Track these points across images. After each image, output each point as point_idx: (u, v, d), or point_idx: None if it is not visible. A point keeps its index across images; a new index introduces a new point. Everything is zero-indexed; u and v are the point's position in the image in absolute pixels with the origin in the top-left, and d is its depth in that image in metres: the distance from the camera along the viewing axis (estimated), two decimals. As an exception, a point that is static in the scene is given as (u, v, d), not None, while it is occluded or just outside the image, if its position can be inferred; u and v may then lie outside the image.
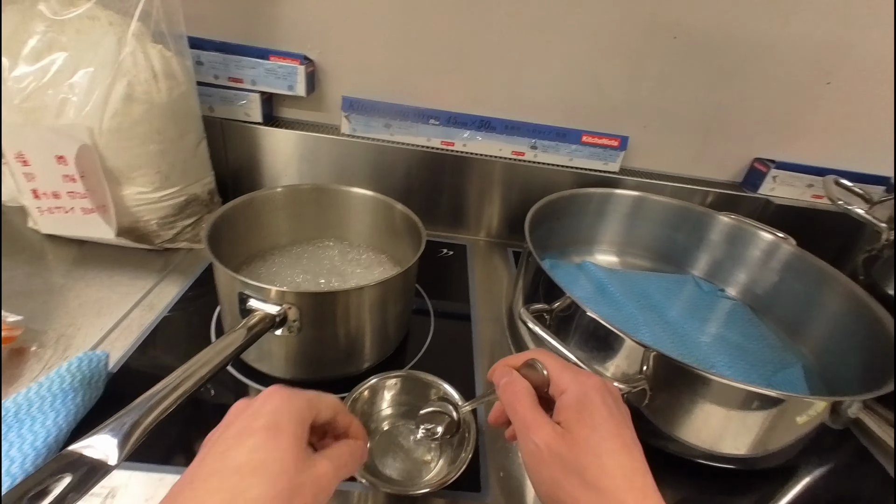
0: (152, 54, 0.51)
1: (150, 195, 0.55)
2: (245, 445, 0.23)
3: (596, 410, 0.27)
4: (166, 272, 0.57)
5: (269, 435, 0.24)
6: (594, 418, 0.26)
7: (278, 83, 0.64)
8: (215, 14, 0.63)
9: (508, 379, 0.31)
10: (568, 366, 0.30)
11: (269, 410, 0.25)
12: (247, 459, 0.23)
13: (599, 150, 0.71)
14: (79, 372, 0.37)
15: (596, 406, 0.27)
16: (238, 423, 0.25)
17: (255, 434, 0.24)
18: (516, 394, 0.30)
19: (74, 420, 0.36)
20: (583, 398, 0.27)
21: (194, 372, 0.34)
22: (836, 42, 0.64)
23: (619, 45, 0.65)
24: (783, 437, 0.40)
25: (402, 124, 0.68)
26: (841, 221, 0.57)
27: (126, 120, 0.50)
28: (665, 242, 0.69)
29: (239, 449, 0.23)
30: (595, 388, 0.28)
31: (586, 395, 0.28)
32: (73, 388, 0.36)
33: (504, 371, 0.32)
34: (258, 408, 0.25)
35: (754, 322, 0.60)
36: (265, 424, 0.24)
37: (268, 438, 0.24)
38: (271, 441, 0.23)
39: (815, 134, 0.71)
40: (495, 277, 0.68)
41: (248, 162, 0.70)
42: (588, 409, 0.27)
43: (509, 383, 0.30)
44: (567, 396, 0.28)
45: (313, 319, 0.40)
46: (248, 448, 0.23)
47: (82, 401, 0.36)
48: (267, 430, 0.24)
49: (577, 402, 0.27)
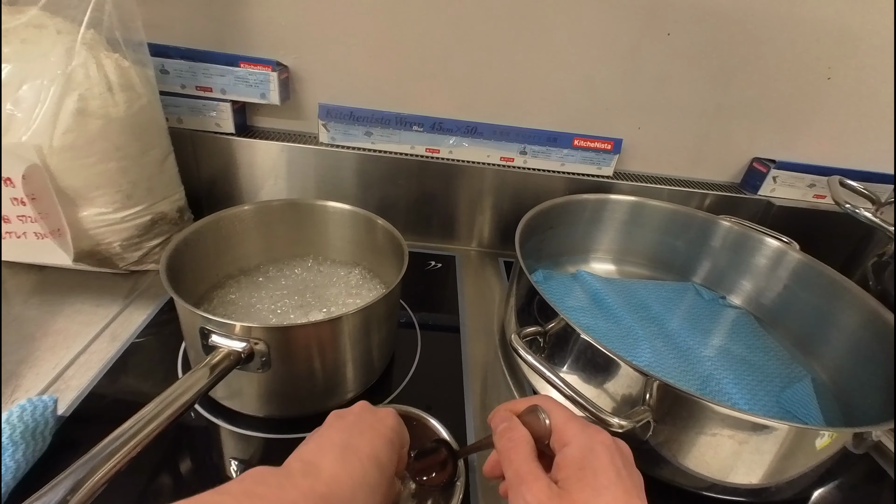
0: (107, 64, 0.47)
1: (111, 216, 0.51)
2: (370, 441, 0.28)
3: (601, 470, 0.23)
4: (132, 297, 0.54)
5: (388, 444, 0.28)
6: (598, 479, 0.23)
7: (250, 91, 0.61)
8: (180, 19, 0.59)
9: (507, 425, 0.28)
10: (574, 417, 0.27)
11: (390, 426, 0.30)
12: (369, 452, 0.27)
13: (592, 154, 0.67)
14: (20, 423, 0.33)
15: (602, 465, 0.23)
16: (366, 419, 0.29)
17: (380, 437, 0.28)
18: (513, 441, 0.27)
19: (13, 479, 0.32)
20: (587, 454, 0.24)
21: (149, 421, 0.31)
22: (836, 35, 0.61)
23: (611, 43, 0.62)
24: (802, 464, 0.37)
25: (384, 131, 0.65)
26: (847, 223, 0.53)
27: (80, 137, 0.46)
28: (664, 249, 0.66)
29: (362, 440, 0.27)
30: (603, 444, 0.25)
31: (592, 450, 0.24)
32: (14, 441, 0.32)
33: (503, 416, 0.29)
34: (383, 418, 0.30)
35: (759, 333, 0.57)
36: (387, 436, 0.29)
37: (386, 446, 0.28)
38: (389, 449, 0.28)
39: (816, 131, 0.68)
40: (487, 289, 0.65)
41: (222, 175, 0.66)
42: (592, 467, 0.23)
43: (507, 430, 0.28)
44: (569, 450, 0.25)
45: (284, 355, 0.36)
46: (373, 445, 0.28)
47: (23, 456, 0.33)
48: (387, 440, 0.29)
49: (581, 458, 0.24)
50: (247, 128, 0.67)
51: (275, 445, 0.40)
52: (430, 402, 0.46)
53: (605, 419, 0.33)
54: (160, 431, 0.31)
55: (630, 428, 0.33)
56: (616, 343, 0.52)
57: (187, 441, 0.40)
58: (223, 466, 0.38)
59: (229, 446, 0.40)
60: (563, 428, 0.26)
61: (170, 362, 0.46)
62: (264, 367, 0.37)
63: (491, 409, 0.46)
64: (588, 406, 0.34)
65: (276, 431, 0.41)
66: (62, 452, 0.36)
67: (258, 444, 0.40)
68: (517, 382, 0.50)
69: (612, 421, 0.33)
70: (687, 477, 0.38)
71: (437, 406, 0.45)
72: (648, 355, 0.50)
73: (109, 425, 0.29)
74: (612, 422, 0.33)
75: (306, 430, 0.40)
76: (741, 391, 0.47)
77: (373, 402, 0.43)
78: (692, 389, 0.47)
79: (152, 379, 0.44)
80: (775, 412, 0.46)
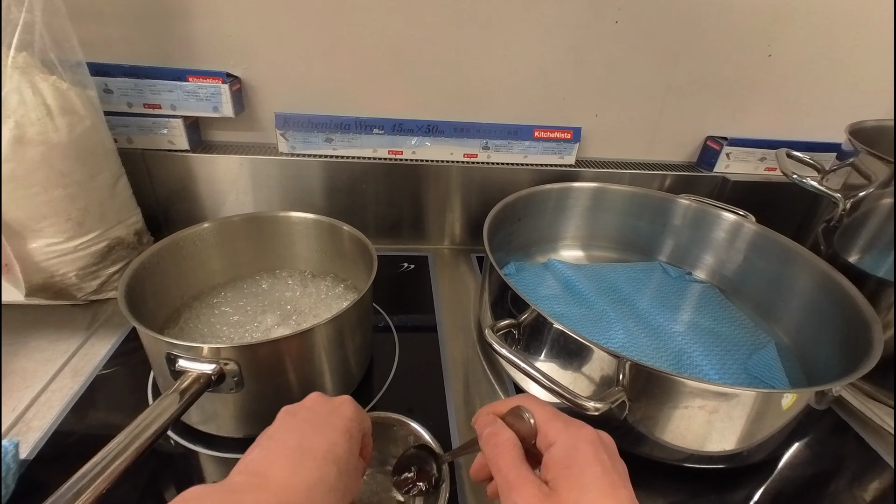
0: (43, 88, 0.45)
1: (63, 245, 0.49)
2: (326, 438, 0.27)
3: (587, 467, 0.23)
4: (94, 328, 0.51)
5: (346, 437, 0.28)
6: (584, 476, 0.23)
7: (202, 105, 0.59)
8: (119, 36, 0.57)
9: (492, 429, 0.27)
10: (558, 414, 0.27)
11: (347, 416, 0.29)
12: (326, 450, 0.26)
13: (553, 144, 0.68)
14: (-21, 472, 0.31)
15: (587, 461, 0.24)
16: (319, 413, 0.28)
17: (336, 431, 0.27)
18: (499, 446, 0.26)
19: (-24, 532, 0.30)
20: (572, 452, 0.24)
21: (118, 454, 0.30)
22: (773, 15, 0.64)
23: (561, 33, 0.63)
24: (770, 425, 0.39)
25: (345, 137, 0.64)
26: (796, 193, 0.56)
27: (20, 166, 0.44)
28: (629, 231, 0.67)
29: (318, 438, 0.27)
30: (587, 440, 0.25)
31: (576, 448, 0.24)
32: (-27, 492, 0.31)
33: (487, 420, 0.28)
34: (337, 408, 0.29)
35: (724, 304, 0.59)
36: (344, 427, 0.28)
37: (344, 439, 0.27)
38: (348, 442, 0.27)
39: (762, 107, 0.71)
40: (462, 287, 0.65)
41: (180, 194, 0.64)
42: (578, 465, 0.24)
43: (492, 434, 0.27)
44: (555, 450, 0.25)
45: (257, 373, 0.36)
46: (329, 441, 0.27)
47: (-15, 506, 0.31)
48: (344, 433, 0.28)
49: (566, 457, 0.24)
50: (202, 143, 0.65)
51: (256, 465, 0.39)
52: (412, 404, 0.46)
53: (582, 404, 0.33)
54: (131, 463, 0.30)
55: (606, 410, 0.34)
56: (590, 328, 0.53)
57: (165, 471, 0.39)
58: (204, 493, 0.37)
59: (210, 471, 0.39)
60: (548, 427, 0.26)
61: (139, 392, 0.45)
62: (237, 388, 0.36)
63: (473, 407, 0.47)
64: (564, 393, 0.34)
65: (256, 451, 0.40)
66: (28, 498, 0.34)
67: (239, 466, 0.39)
68: (497, 377, 0.50)
69: (587, 405, 0.33)
70: (665, 450, 0.39)
71: (419, 408, 0.45)
72: (622, 336, 0.52)
73: (78, 463, 0.28)
74: (588, 405, 0.33)
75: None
76: (711, 362, 0.49)
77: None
78: (666, 366, 0.49)
79: (122, 411, 0.43)
80: (744, 379, 0.48)
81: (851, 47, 0.67)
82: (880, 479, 0.43)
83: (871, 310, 0.43)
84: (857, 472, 0.44)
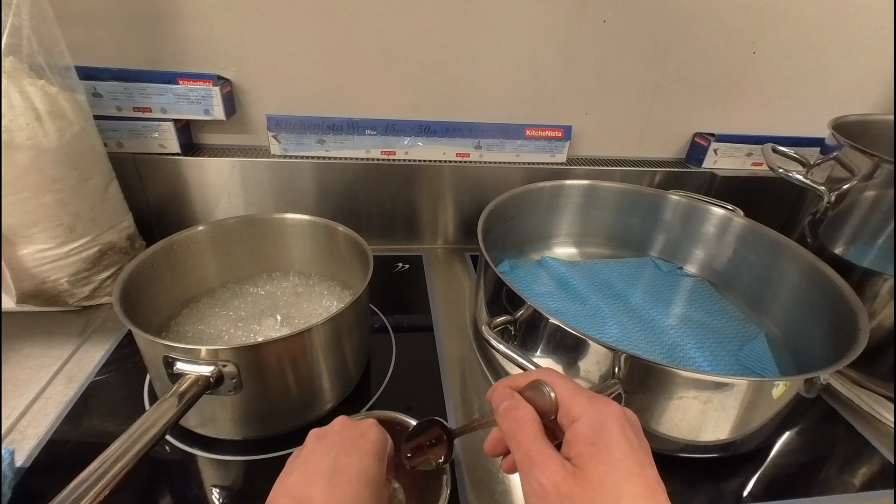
0: (32, 92, 0.44)
1: (54, 251, 0.48)
2: (359, 461, 0.27)
3: (614, 444, 0.22)
4: (87, 334, 0.51)
5: (376, 459, 0.28)
6: (612, 454, 0.22)
7: (192, 108, 0.59)
8: (108, 39, 0.56)
9: (510, 403, 0.26)
10: (581, 389, 0.26)
11: (374, 439, 0.29)
12: (360, 473, 0.27)
13: (545, 143, 0.69)
14: (-25, 481, 0.31)
15: (614, 439, 0.23)
16: (348, 437, 0.29)
17: (366, 454, 0.28)
18: (519, 421, 0.25)
19: (-26, 541, 0.30)
20: (599, 429, 0.23)
21: (116, 460, 0.30)
22: (756, 13, 0.65)
23: (550, 33, 0.63)
24: (762, 414, 0.40)
25: (337, 138, 0.64)
26: (783, 186, 0.57)
27: (10, 171, 0.44)
28: (620, 227, 0.68)
29: (350, 461, 0.27)
30: (613, 416, 0.23)
31: (603, 424, 0.23)
32: (-31, 501, 0.30)
33: (505, 394, 0.27)
34: (365, 432, 0.29)
35: (715, 297, 0.60)
36: (373, 450, 0.28)
37: (374, 461, 0.28)
38: (377, 463, 0.28)
39: (748, 103, 0.73)
40: (457, 285, 0.65)
41: (171, 198, 0.64)
42: (605, 442, 0.22)
43: (511, 408, 0.26)
44: (580, 426, 0.23)
45: (255, 374, 0.36)
46: (362, 464, 0.27)
47: (-18, 515, 0.31)
48: (373, 455, 0.28)
49: (593, 434, 0.23)
50: (193, 146, 0.65)
51: (256, 467, 0.39)
52: (410, 402, 0.46)
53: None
54: (130, 469, 0.30)
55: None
56: (584, 323, 0.54)
57: (164, 476, 0.39)
58: (205, 497, 0.37)
59: (209, 475, 0.39)
60: (571, 402, 0.24)
61: (135, 397, 0.44)
62: (236, 390, 0.36)
63: (471, 405, 0.47)
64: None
65: (255, 453, 0.40)
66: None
67: (239, 469, 0.39)
68: (494, 373, 0.51)
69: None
70: (661, 441, 0.40)
71: (418, 406, 0.46)
72: (616, 331, 0.52)
73: (74, 471, 0.28)
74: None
75: (287, 448, 0.40)
76: (703, 354, 0.50)
77: (352, 409, 0.44)
78: (660, 359, 0.50)
79: (118, 417, 0.43)
80: (735, 370, 0.49)
81: (833, 45, 0.68)
82: (869, 465, 0.45)
83: (857, 299, 0.44)
84: (847, 458, 0.45)
